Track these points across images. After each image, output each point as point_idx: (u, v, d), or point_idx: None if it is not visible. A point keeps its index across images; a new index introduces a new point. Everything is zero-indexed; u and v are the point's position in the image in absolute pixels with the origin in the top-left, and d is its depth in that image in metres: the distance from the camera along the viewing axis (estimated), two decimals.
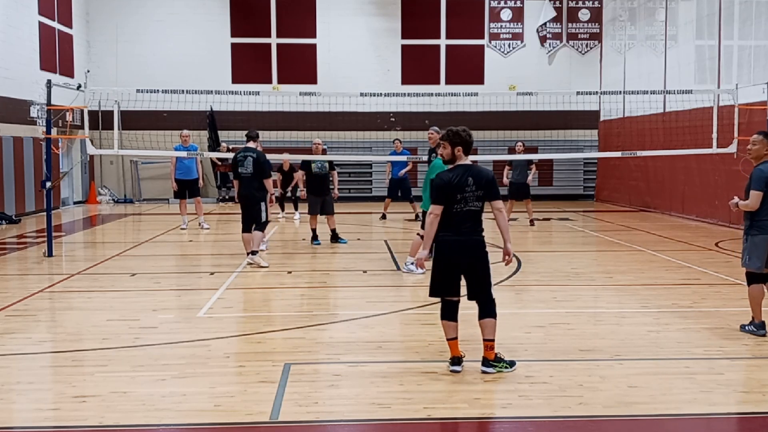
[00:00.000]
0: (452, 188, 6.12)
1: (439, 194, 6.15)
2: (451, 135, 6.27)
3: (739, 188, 8.77)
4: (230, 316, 8.52)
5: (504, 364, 6.18)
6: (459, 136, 6.25)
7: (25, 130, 20.14)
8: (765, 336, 7.27)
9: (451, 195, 6.11)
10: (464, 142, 6.25)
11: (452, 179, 6.15)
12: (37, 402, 5.56)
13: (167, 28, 25.43)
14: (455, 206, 6.12)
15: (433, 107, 23.71)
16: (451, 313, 6.29)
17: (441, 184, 6.16)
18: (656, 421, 5.26)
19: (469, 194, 6.13)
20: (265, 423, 5.12)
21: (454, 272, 6.22)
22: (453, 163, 6.27)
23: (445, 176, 6.21)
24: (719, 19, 17.66)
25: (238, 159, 11.66)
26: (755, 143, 7.48)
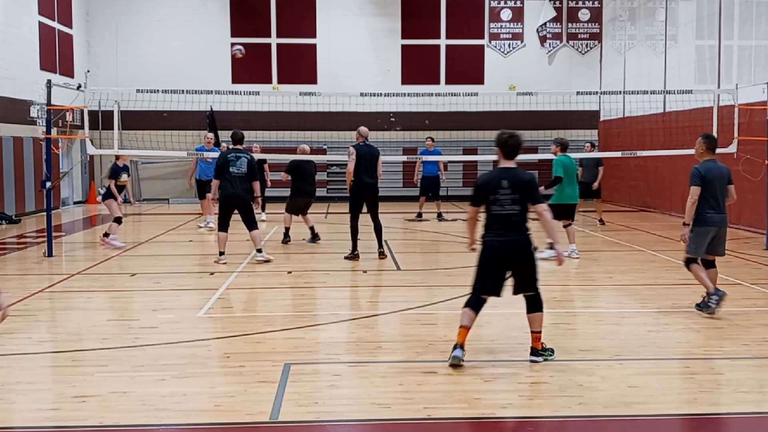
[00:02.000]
0: (486, 190, 6.39)
1: (474, 196, 6.49)
2: (496, 137, 6.61)
3: (739, 188, 8.78)
4: (230, 316, 8.52)
5: (548, 353, 6.48)
6: (498, 138, 6.58)
7: (25, 130, 20.14)
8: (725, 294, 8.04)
9: (484, 197, 6.39)
10: (502, 145, 6.52)
11: (487, 181, 6.43)
12: (37, 402, 5.56)
13: (167, 28, 25.43)
14: (492, 208, 6.37)
15: (433, 107, 23.73)
16: (477, 305, 6.50)
17: (476, 186, 6.49)
18: (656, 421, 5.26)
19: (503, 197, 6.33)
20: (265, 423, 5.12)
21: (497, 272, 6.41)
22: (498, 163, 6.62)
23: (481, 178, 6.53)
24: (719, 19, 17.66)
25: (228, 159, 11.76)
26: (696, 144, 8.37)
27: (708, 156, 8.20)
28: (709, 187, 8.01)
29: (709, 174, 8.03)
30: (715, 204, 8.05)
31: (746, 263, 11.86)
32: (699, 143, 8.32)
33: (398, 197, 23.30)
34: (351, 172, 11.99)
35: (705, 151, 8.23)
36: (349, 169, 12.01)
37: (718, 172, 8.10)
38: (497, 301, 9.14)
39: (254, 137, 22.96)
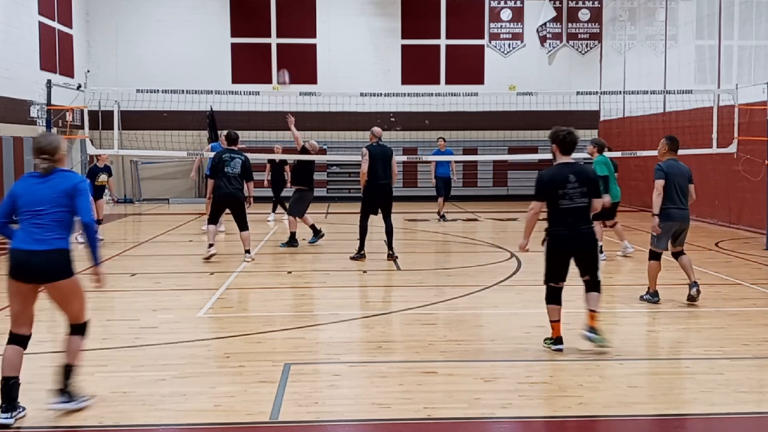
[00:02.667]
0: (553, 185, 6.60)
1: (540, 191, 6.68)
2: (551, 134, 6.85)
3: (739, 188, 8.79)
4: (230, 316, 8.52)
5: (604, 339, 6.76)
6: (555, 135, 6.81)
7: (25, 130, 20.13)
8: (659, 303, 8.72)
9: (552, 191, 6.58)
10: (561, 141, 6.76)
11: (553, 177, 6.65)
12: (37, 402, 5.55)
13: (167, 28, 25.42)
14: (561, 202, 6.58)
15: (433, 107, 23.72)
16: (556, 297, 6.85)
17: (542, 181, 6.68)
18: (656, 421, 5.26)
19: (572, 190, 6.59)
20: (265, 423, 5.13)
21: (566, 262, 6.77)
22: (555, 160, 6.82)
23: (546, 174, 6.72)
24: (719, 19, 17.66)
25: (223, 159, 11.96)
26: (660, 145, 8.91)
27: (670, 155, 8.72)
28: (671, 184, 8.49)
29: (671, 171, 8.52)
30: (678, 200, 8.53)
31: (746, 263, 11.86)
32: (662, 144, 8.83)
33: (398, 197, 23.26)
34: (365, 172, 12.00)
35: (667, 152, 8.75)
36: (363, 169, 12.03)
37: (679, 171, 8.60)
38: (497, 301, 9.18)
39: (254, 137, 22.98)
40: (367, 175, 11.95)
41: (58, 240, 5.06)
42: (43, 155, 5.05)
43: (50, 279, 5.07)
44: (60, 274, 5.10)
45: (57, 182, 5.07)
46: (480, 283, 10.08)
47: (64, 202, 5.05)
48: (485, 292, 9.63)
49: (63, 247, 5.10)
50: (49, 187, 5.06)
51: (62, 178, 5.08)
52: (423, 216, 19.43)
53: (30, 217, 5.04)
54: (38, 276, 5.05)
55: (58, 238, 5.07)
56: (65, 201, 5.05)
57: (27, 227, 5.05)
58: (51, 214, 5.04)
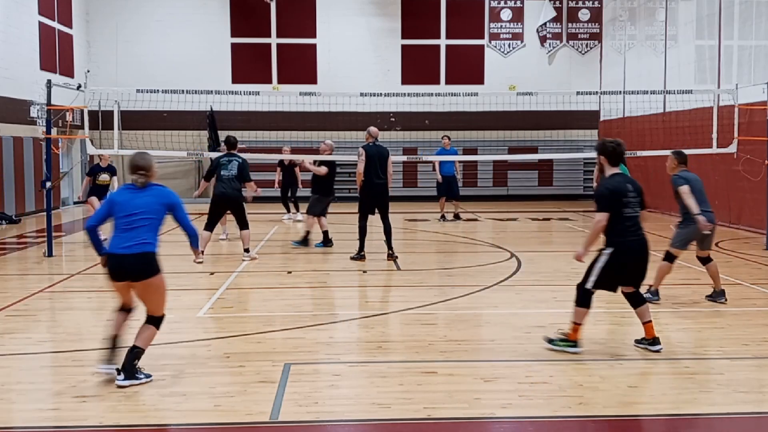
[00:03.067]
0: (617, 195, 6.65)
1: (606, 203, 6.64)
2: (599, 146, 6.92)
3: (739, 188, 8.82)
4: (230, 316, 8.52)
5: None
6: (604, 147, 6.86)
7: (25, 130, 20.15)
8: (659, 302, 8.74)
9: (617, 201, 6.62)
10: (608, 153, 6.80)
11: (616, 187, 6.69)
12: (37, 402, 5.56)
13: (167, 28, 25.42)
14: (624, 210, 6.64)
15: (433, 107, 23.72)
16: (590, 302, 6.79)
17: (607, 193, 6.66)
18: (656, 421, 5.26)
19: (632, 199, 6.70)
20: (265, 423, 5.13)
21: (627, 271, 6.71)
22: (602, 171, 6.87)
23: (608, 185, 6.71)
24: (719, 19, 17.66)
25: (221, 162, 12.17)
26: (668, 160, 9.02)
27: (681, 168, 8.85)
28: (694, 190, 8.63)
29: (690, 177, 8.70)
30: (704, 205, 8.67)
31: (746, 263, 11.86)
32: (670, 158, 8.95)
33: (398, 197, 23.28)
34: (361, 173, 12.02)
35: (677, 166, 8.85)
36: (359, 170, 12.03)
37: (695, 178, 8.79)
38: (497, 301, 9.18)
39: (254, 137, 22.98)
40: (364, 175, 11.95)
41: (147, 244, 5.80)
42: (141, 171, 5.83)
43: (140, 277, 5.78)
44: (148, 272, 5.82)
45: (153, 194, 5.86)
46: (480, 283, 10.08)
47: (159, 211, 5.86)
48: (485, 292, 9.63)
49: (151, 250, 5.83)
50: (145, 197, 5.82)
51: (158, 191, 5.91)
52: (423, 216, 19.42)
53: (123, 223, 5.76)
54: (130, 275, 5.79)
55: (147, 242, 5.82)
56: (160, 211, 5.87)
57: (120, 233, 5.77)
58: (143, 220, 5.78)
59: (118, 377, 5.75)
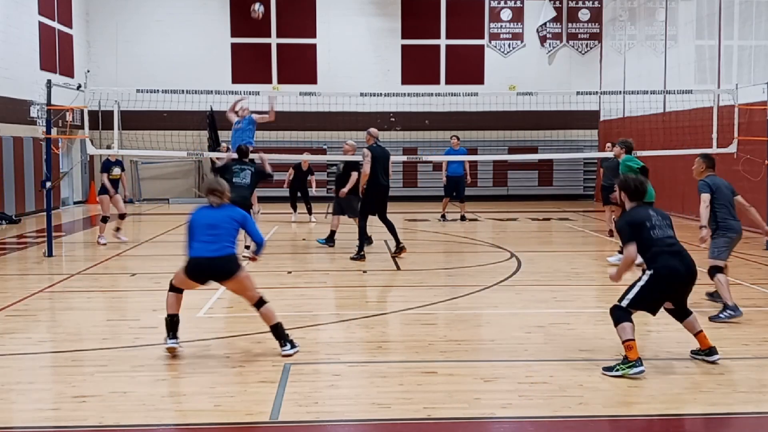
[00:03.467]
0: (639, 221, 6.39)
1: (629, 232, 6.40)
2: (622, 184, 6.73)
3: (739, 188, 8.79)
4: (230, 316, 8.52)
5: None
6: (626, 185, 6.67)
7: (25, 130, 20.14)
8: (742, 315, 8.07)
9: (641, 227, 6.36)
10: (628, 190, 6.63)
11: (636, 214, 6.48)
12: (37, 402, 5.56)
13: (167, 28, 25.42)
14: (653, 232, 6.35)
15: (433, 107, 23.72)
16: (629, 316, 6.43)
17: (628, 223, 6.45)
18: (656, 421, 5.26)
19: (657, 222, 6.42)
20: (265, 423, 5.13)
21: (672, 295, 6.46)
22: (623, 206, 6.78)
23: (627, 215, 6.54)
24: (719, 19, 17.66)
25: (233, 170, 12.10)
26: (696, 164, 8.64)
27: (709, 173, 8.45)
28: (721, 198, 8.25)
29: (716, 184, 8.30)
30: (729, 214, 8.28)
31: (746, 263, 11.86)
32: (698, 162, 8.58)
33: (399, 197, 23.30)
34: (368, 174, 12.08)
35: (705, 170, 8.48)
36: (366, 171, 12.12)
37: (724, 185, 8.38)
38: (497, 301, 9.19)
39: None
40: (369, 175, 12.01)
41: (229, 247, 6.70)
42: (217, 193, 6.87)
43: (229, 275, 6.65)
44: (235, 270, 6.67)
45: (227, 212, 6.86)
46: (480, 283, 10.08)
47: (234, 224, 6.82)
48: (485, 292, 9.63)
49: (233, 252, 6.74)
50: (221, 213, 6.82)
51: (231, 209, 6.91)
52: (423, 216, 19.42)
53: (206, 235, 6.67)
54: (218, 274, 6.70)
55: (229, 246, 6.71)
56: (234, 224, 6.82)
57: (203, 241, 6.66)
58: (225, 230, 6.73)
59: (285, 348, 6.68)
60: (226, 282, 6.75)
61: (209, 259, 6.64)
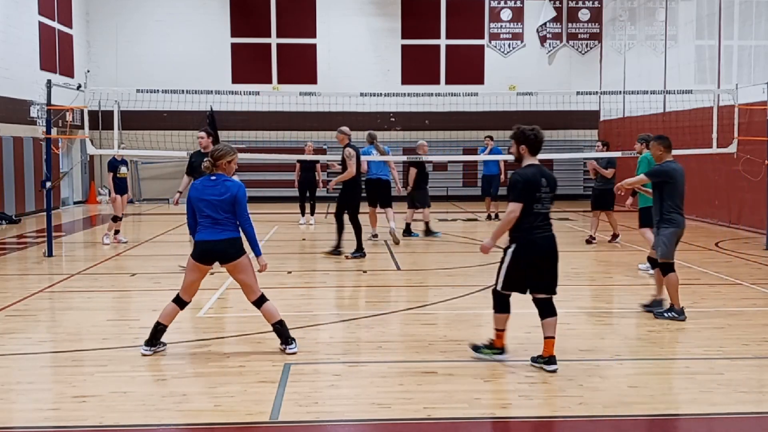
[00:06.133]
0: (532, 188, 6.21)
1: (521, 193, 6.20)
2: (517, 135, 6.36)
3: (739, 188, 8.79)
4: (230, 316, 8.52)
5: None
6: (523, 135, 6.33)
7: (25, 130, 20.15)
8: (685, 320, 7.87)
9: (530, 195, 6.20)
10: (529, 141, 6.30)
11: (530, 178, 6.23)
12: (37, 402, 5.56)
13: (167, 28, 25.43)
14: (535, 206, 6.22)
15: (433, 107, 23.72)
16: (508, 306, 6.52)
17: (522, 183, 6.20)
18: (656, 421, 5.26)
19: (545, 195, 6.28)
20: (265, 423, 5.13)
21: (534, 270, 6.33)
22: (521, 161, 6.38)
23: (524, 175, 6.25)
24: (719, 19, 17.66)
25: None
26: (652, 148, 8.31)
27: (667, 156, 8.18)
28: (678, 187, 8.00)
29: (676, 174, 8.02)
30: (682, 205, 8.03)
31: (746, 263, 11.86)
32: (654, 146, 8.27)
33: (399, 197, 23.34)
34: (354, 173, 12.34)
35: (663, 152, 8.19)
36: (352, 171, 12.31)
37: (681, 174, 8.07)
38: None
39: (254, 137, 22.97)
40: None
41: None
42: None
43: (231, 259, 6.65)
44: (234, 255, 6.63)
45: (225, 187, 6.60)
46: (480, 283, 10.07)
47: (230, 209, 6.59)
48: (485, 292, 9.61)
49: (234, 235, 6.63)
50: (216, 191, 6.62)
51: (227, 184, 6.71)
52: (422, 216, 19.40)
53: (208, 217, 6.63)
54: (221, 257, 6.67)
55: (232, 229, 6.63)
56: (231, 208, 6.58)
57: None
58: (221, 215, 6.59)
59: (289, 347, 6.68)
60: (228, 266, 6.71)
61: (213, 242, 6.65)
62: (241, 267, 6.65)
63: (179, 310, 6.80)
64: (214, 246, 6.58)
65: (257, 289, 6.74)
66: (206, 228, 6.60)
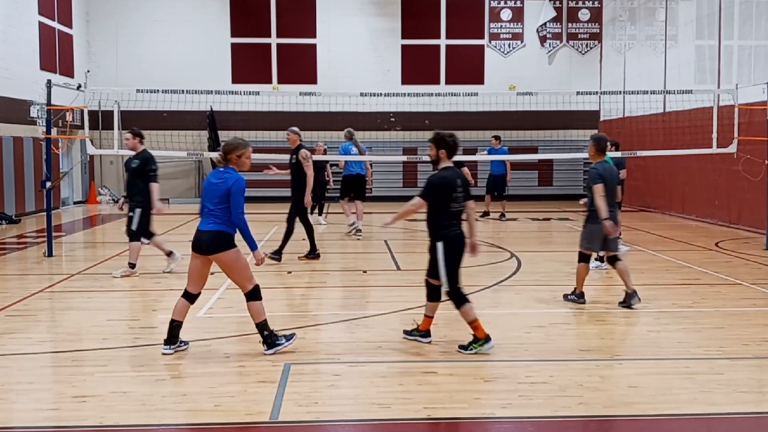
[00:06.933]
0: (447, 189, 6.75)
1: (431, 193, 6.77)
2: (436, 139, 6.88)
3: (739, 188, 8.80)
4: (230, 316, 8.52)
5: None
6: (443, 140, 6.86)
7: (25, 130, 20.14)
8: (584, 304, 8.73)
9: (446, 195, 6.73)
10: (448, 146, 6.86)
11: (447, 180, 6.77)
12: (37, 402, 5.56)
13: (167, 28, 25.43)
14: (452, 205, 6.76)
15: (433, 107, 23.72)
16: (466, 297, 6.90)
17: (435, 185, 6.76)
18: (656, 421, 5.26)
19: (460, 194, 6.81)
20: (265, 423, 5.13)
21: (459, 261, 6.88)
22: (437, 164, 6.89)
23: (439, 178, 6.80)
24: (719, 19, 17.66)
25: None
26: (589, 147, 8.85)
27: (599, 157, 8.69)
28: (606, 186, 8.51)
29: (606, 174, 8.53)
30: (611, 204, 8.49)
31: (746, 263, 11.86)
32: (590, 145, 8.78)
33: (399, 197, 23.30)
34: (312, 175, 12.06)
35: (595, 153, 8.70)
36: (311, 173, 12.02)
37: (611, 174, 8.62)
38: (497, 301, 9.18)
39: (254, 137, 22.93)
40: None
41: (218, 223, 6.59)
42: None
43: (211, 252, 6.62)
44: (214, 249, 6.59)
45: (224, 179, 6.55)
46: (480, 283, 10.08)
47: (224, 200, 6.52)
48: (485, 292, 9.63)
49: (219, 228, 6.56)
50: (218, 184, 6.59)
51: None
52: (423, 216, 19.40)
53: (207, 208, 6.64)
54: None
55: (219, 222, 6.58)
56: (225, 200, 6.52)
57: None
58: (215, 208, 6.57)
59: (266, 351, 6.63)
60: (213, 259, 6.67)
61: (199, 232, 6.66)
62: (223, 263, 6.61)
63: (189, 305, 6.79)
64: (199, 236, 6.59)
65: (246, 285, 6.66)
66: (201, 217, 6.67)
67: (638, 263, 11.96)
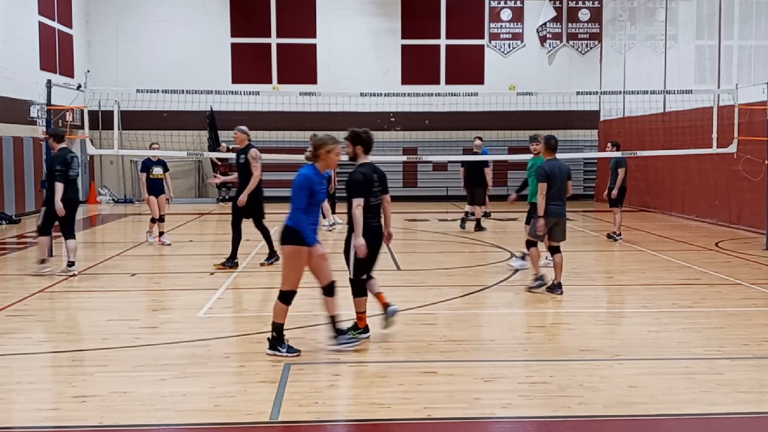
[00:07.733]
0: (368, 184, 6.99)
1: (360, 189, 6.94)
2: (352, 137, 7.13)
3: (739, 188, 8.81)
4: (230, 316, 8.52)
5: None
6: (358, 137, 7.10)
7: (25, 130, 20.15)
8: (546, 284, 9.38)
9: (367, 190, 6.98)
10: (364, 142, 7.09)
11: (368, 176, 6.99)
12: (37, 402, 5.56)
13: (167, 28, 25.43)
14: (371, 199, 7.02)
15: (433, 107, 23.72)
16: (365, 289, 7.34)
17: (360, 181, 6.95)
18: (656, 421, 5.25)
19: (377, 189, 7.08)
20: (265, 423, 5.12)
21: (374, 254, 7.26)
22: (355, 161, 7.12)
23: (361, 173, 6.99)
24: (719, 19, 17.66)
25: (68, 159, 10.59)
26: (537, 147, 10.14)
27: (549, 155, 9.38)
28: (552, 183, 9.18)
29: (553, 172, 9.19)
30: (558, 198, 9.23)
31: (746, 263, 11.86)
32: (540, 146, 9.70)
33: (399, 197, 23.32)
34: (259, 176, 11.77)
35: (545, 151, 9.44)
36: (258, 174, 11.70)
37: (560, 171, 9.28)
38: (497, 301, 9.18)
39: (254, 137, 22.80)
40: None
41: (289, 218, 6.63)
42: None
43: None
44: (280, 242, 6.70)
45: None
46: (480, 283, 10.08)
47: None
48: (485, 292, 9.63)
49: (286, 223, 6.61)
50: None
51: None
52: (423, 216, 19.43)
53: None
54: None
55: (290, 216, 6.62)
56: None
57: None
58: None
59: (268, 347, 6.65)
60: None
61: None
62: (281, 255, 6.79)
63: (331, 298, 7.00)
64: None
65: (292, 282, 6.70)
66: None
67: (638, 263, 11.96)
